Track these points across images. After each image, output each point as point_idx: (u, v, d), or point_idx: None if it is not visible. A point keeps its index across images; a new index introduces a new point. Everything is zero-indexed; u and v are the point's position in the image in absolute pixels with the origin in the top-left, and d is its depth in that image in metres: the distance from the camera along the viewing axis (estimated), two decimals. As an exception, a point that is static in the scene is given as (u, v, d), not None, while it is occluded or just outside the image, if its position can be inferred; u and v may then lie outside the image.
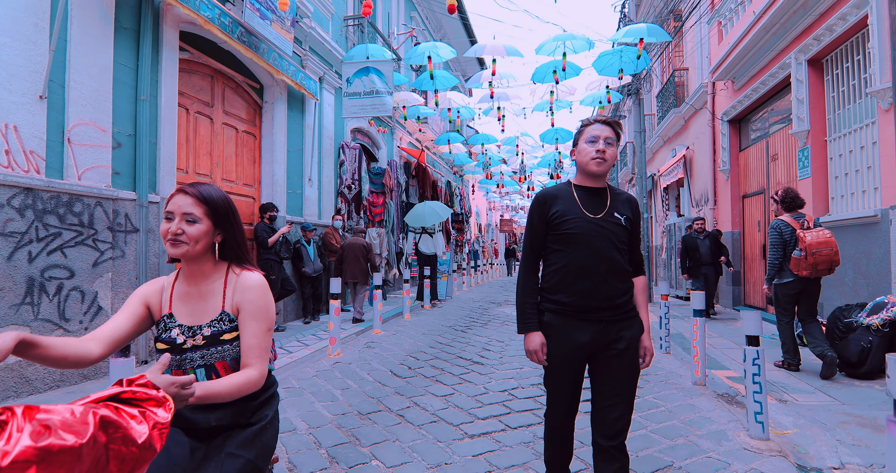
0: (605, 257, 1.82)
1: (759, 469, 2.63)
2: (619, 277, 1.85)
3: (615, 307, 1.84)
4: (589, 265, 1.82)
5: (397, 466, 2.58)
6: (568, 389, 1.90)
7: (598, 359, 1.87)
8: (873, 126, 5.22)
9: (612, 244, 1.83)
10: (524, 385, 4.07)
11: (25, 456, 0.64)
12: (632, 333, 1.87)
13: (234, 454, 1.31)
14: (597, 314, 1.83)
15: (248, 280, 1.44)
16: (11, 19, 3.60)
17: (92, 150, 4.20)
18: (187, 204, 1.36)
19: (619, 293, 1.84)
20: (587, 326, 1.84)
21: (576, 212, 1.86)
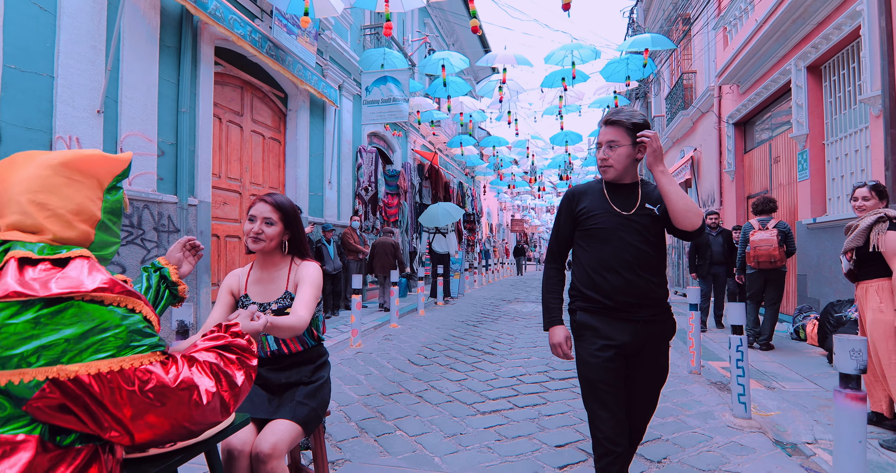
0: (636, 251, 1.74)
1: (738, 443, 2.97)
2: (650, 271, 1.76)
3: (651, 304, 1.76)
4: (618, 260, 1.75)
5: (419, 435, 2.98)
6: (605, 397, 1.72)
7: (633, 361, 1.79)
8: (866, 131, 5.49)
9: (643, 238, 1.75)
10: (531, 372, 4.44)
11: (188, 383, 0.96)
12: (661, 332, 1.80)
13: (302, 402, 1.71)
14: (633, 312, 1.74)
15: (307, 267, 1.83)
16: (74, 43, 4.06)
17: (140, 158, 4.66)
18: (266, 210, 1.76)
19: (654, 287, 1.76)
20: (622, 325, 1.74)
21: (604, 207, 1.79)
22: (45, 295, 0.86)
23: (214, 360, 1.04)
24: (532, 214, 36.16)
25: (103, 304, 0.91)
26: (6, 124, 3.60)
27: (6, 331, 0.83)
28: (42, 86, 3.85)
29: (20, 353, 0.83)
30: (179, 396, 0.93)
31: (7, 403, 0.83)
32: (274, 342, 1.82)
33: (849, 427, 2.07)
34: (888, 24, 4.88)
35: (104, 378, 0.85)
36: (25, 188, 0.95)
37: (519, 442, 2.89)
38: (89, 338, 0.86)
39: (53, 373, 0.83)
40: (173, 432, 0.94)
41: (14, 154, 1.01)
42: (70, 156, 1.01)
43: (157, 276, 1.45)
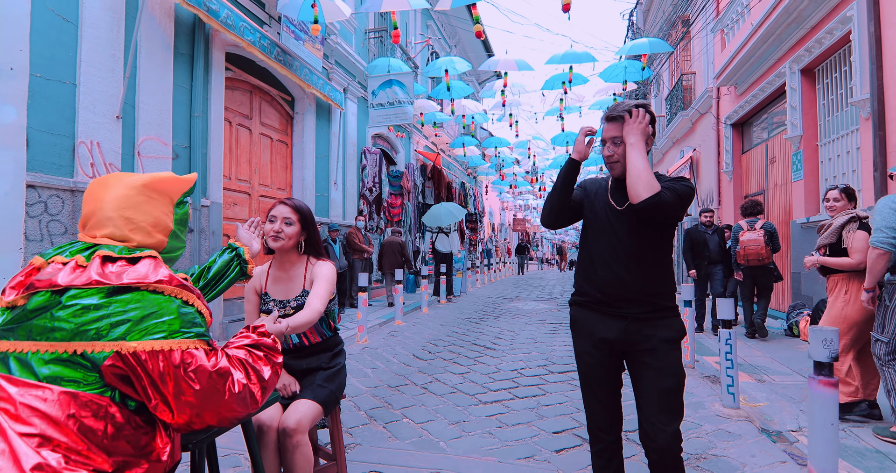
0: (627, 246, 1.71)
1: (725, 430, 3.15)
2: (644, 266, 1.71)
3: (641, 301, 1.70)
4: (610, 254, 1.73)
5: (424, 422, 3.17)
6: (597, 389, 1.77)
7: (629, 361, 1.76)
8: (857, 133, 5.65)
9: (637, 232, 1.71)
10: (531, 366, 4.63)
11: (224, 371, 1.14)
12: (663, 333, 1.69)
13: (322, 385, 1.90)
14: (620, 307, 1.72)
15: (322, 266, 2.01)
16: (95, 52, 4.26)
17: (156, 161, 4.86)
18: (286, 211, 1.95)
19: (646, 285, 1.70)
20: (612, 321, 1.73)
21: (603, 203, 1.79)
22: (118, 283, 1.06)
23: (244, 356, 1.22)
24: (534, 213, 36.32)
25: (163, 294, 1.10)
26: (33, 130, 3.80)
27: (86, 310, 1.03)
28: (65, 93, 4.06)
29: (95, 327, 1.02)
30: (216, 381, 1.10)
31: (88, 367, 1.02)
32: (295, 336, 2.01)
33: (821, 411, 2.26)
34: (876, 29, 5.05)
35: (156, 355, 1.04)
36: (116, 206, 1.16)
37: (519, 429, 3.07)
38: (148, 321, 1.06)
39: (118, 347, 1.02)
40: (209, 416, 1.11)
41: (105, 176, 1.23)
42: (148, 178, 1.23)
43: (233, 255, 1.67)
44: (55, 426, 0.96)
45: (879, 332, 3.02)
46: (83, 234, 1.19)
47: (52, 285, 1.06)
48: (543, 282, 16.94)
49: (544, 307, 9.53)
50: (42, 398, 0.98)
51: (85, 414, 0.99)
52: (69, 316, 1.03)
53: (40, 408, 0.97)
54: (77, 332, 1.02)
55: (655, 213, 1.64)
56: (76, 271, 1.08)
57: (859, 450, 2.84)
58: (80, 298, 1.05)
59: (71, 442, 0.96)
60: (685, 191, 1.70)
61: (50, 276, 1.07)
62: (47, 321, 1.03)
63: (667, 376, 1.68)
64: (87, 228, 1.19)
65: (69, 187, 4.03)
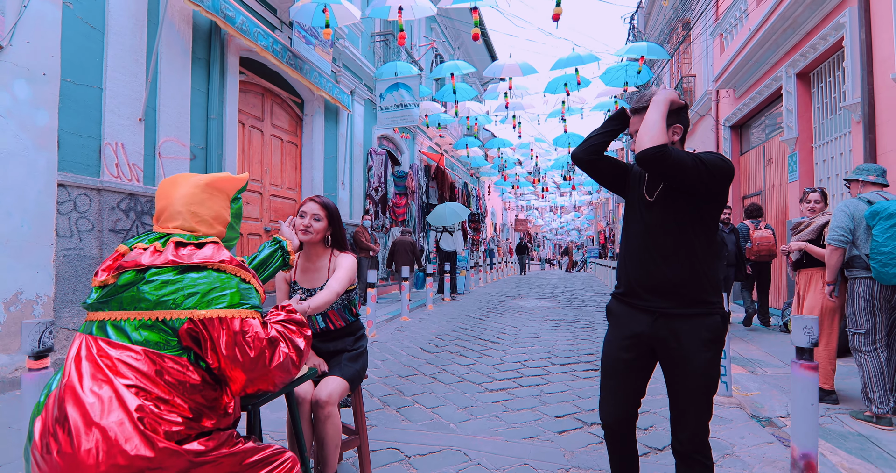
0: (655, 237, 1.67)
1: (718, 415, 3.34)
2: (675, 258, 1.64)
3: (671, 296, 1.65)
4: (640, 246, 1.71)
5: (435, 407, 3.37)
6: (611, 380, 1.76)
7: (661, 357, 1.71)
8: (849, 135, 5.85)
9: (667, 222, 1.66)
10: (534, 358, 4.83)
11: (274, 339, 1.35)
12: (694, 331, 1.62)
13: (348, 364, 2.11)
14: (649, 301, 1.68)
15: (344, 258, 2.22)
16: (120, 58, 4.48)
17: (175, 161, 5.08)
18: (315, 208, 2.15)
19: (677, 278, 1.64)
20: (641, 315, 1.69)
21: (638, 194, 1.76)
22: (188, 263, 1.28)
23: (281, 329, 1.43)
24: (536, 213, 36.51)
25: (225, 272, 1.32)
26: (63, 132, 4.02)
27: (164, 284, 1.25)
28: (92, 97, 4.27)
29: (172, 298, 1.24)
30: (266, 348, 1.31)
31: (169, 332, 1.23)
32: (322, 321, 2.22)
33: (802, 392, 2.47)
34: (867, 36, 5.25)
35: (220, 322, 1.25)
36: (184, 202, 1.39)
37: (523, 413, 3.28)
38: (213, 293, 1.27)
39: (191, 314, 1.23)
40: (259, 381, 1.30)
41: (174, 176, 1.46)
42: (210, 178, 1.46)
43: (276, 247, 1.88)
44: (147, 379, 1.17)
45: (854, 326, 3.24)
46: (157, 226, 1.42)
47: (137, 265, 1.28)
48: (545, 281, 17.13)
49: (546, 304, 9.73)
50: (134, 357, 1.19)
51: (168, 371, 1.20)
52: (151, 290, 1.25)
53: (134, 365, 1.18)
54: (158, 302, 1.24)
55: (656, 166, 1.56)
56: (155, 254, 1.30)
57: (842, 433, 3.04)
58: (159, 275, 1.27)
59: (159, 392, 1.17)
60: (713, 160, 1.59)
61: (135, 258, 1.29)
62: (134, 293, 1.25)
63: (693, 376, 1.61)
64: (161, 220, 1.41)
65: (96, 186, 4.25)
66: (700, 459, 1.65)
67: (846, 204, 3.27)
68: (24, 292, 3.69)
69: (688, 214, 1.65)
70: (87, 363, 1.19)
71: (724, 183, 1.63)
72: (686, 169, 1.57)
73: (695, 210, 1.65)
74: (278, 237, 1.96)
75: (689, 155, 1.59)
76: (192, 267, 1.29)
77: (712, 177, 1.59)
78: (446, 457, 2.57)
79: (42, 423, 1.15)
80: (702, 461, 1.65)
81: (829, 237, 3.26)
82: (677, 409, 1.67)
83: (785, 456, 2.72)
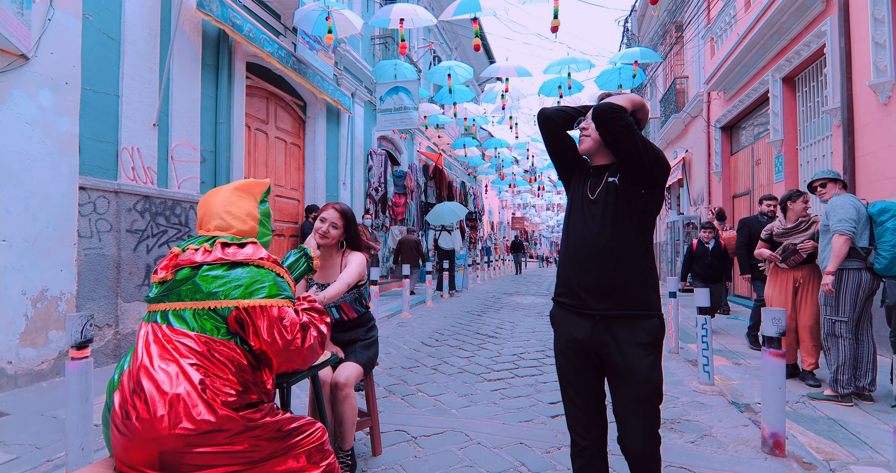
0: (598, 239, 1.61)
1: (699, 402, 3.61)
2: (613, 262, 1.59)
3: (608, 299, 1.60)
4: (579, 247, 1.65)
5: (437, 395, 3.63)
6: (570, 391, 1.70)
7: (603, 364, 1.65)
8: (830, 139, 6.12)
9: (605, 222, 1.61)
10: (530, 351, 5.09)
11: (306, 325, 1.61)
12: (633, 335, 1.58)
13: (361, 352, 2.36)
14: (588, 305, 1.62)
15: (355, 256, 2.47)
16: (135, 66, 4.69)
17: (186, 164, 5.30)
18: (335, 217, 2.39)
19: (616, 280, 1.59)
20: (581, 320, 1.64)
21: (580, 194, 1.72)
22: (233, 259, 1.53)
23: (307, 317, 1.68)
24: (532, 211, 36.79)
25: (263, 268, 1.56)
26: (84, 138, 4.24)
27: (215, 278, 1.49)
28: (110, 104, 4.49)
29: (221, 290, 1.48)
30: (300, 331, 1.55)
31: (219, 320, 1.47)
32: (336, 313, 2.46)
33: (771, 376, 2.73)
34: (847, 44, 5.51)
35: (262, 309, 1.49)
36: (220, 205, 1.64)
37: (519, 400, 3.53)
38: (255, 286, 1.51)
39: (237, 303, 1.48)
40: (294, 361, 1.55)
41: (212, 190, 1.71)
42: (238, 183, 1.71)
43: (301, 254, 2.12)
44: (204, 358, 1.42)
45: (836, 314, 3.51)
46: (201, 230, 1.66)
47: (192, 263, 1.52)
48: (542, 279, 17.41)
49: (542, 301, 9.99)
50: (192, 341, 1.43)
51: (220, 352, 1.45)
52: (205, 283, 1.49)
53: (192, 347, 1.42)
54: (210, 294, 1.48)
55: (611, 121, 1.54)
56: (206, 253, 1.55)
57: (813, 417, 3.30)
58: (211, 270, 1.51)
59: (215, 369, 1.41)
60: (659, 151, 1.61)
61: (189, 257, 1.54)
62: (191, 286, 1.50)
63: (637, 382, 1.56)
64: (203, 224, 1.66)
65: (114, 189, 4.47)
66: (650, 462, 1.59)
67: (851, 198, 3.48)
68: (49, 290, 3.92)
69: (627, 214, 1.62)
70: (154, 345, 1.43)
71: (664, 172, 1.62)
72: (635, 139, 1.55)
73: (635, 211, 1.62)
74: (304, 246, 2.21)
75: (642, 139, 1.59)
76: (238, 263, 1.54)
77: (657, 160, 1.59)
78: (449, 438, 2.83)
79: (120, 395, 1.39)
80: (652, 462, 1.60)
81: (842, 229, 3.40)
82: (624, 419, 1.59)
83: (758, 437, 2.98)
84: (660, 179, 1.63)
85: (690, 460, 2.62)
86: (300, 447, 1.51)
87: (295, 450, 1.50)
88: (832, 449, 2.83)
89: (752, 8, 7.94)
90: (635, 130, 1.57)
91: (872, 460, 2.65)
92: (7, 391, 3.57)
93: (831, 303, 3.54)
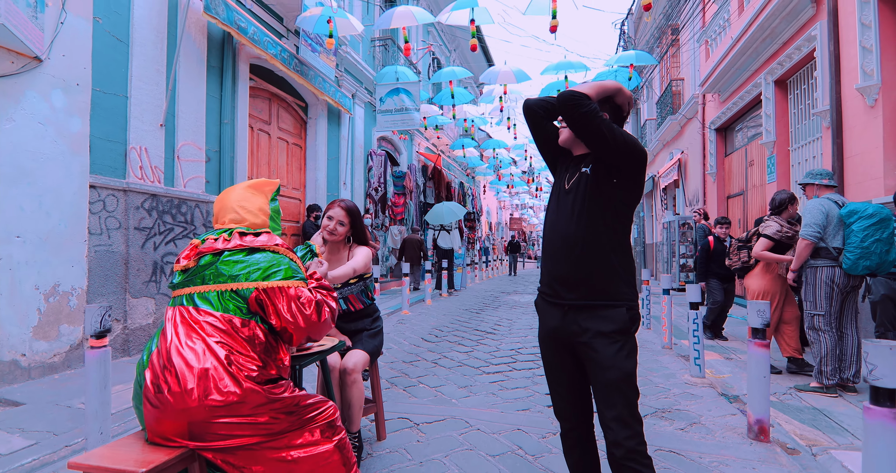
0: (569, 228, 1.62)
1: (690, 393, 3.75)
2: (582, 251, 1.60)
3: (577, 287, 1.61)
4: (552, 236, 1.68)
5: (438, 387, 3.76)
6: (551, 379, 1.75)
7: (579, 354, 1.65)
8: (820, 140, 6.27)
9: (576, 211, 1.62)
10: (527, 347, 5.22)
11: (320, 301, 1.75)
12: (600, 325, 1.58)
13: (368, 340, 2.50)
14: (559, 295, 1.64)
15: (360, 249, 2.60)
16: (143, 68, 4.82)
17: (192, 164, 5.42)
18: (341, 215, 2.52)
19: (583, 270, 1.60)
20: (553, 309, 1.67)
21: (559, 182, 1.73)
22: (251, 246, 1.67)
23: (319, 295, 1.81)
24: (530, 212, 36.96)
25: (278, 253, 1.70)
26: (94, 138, 4.36)
27: (236, 263, 1.63)
28: (119, 105, 4.62)
29: (243, 273, 1.62)
30: (316, 308, 1.70)
31: (241, 300, 1.60)
32: (344, 304, 2.59)
33: (756, 366, 2.88)
34: (836, 48, 5.67)
35: (280, 290, 1.62)
36: (234, 201, 1.79)
37: (517, 391, 3.67)
38: (272, 269, 1.65)
39: (257, 285, 1.61)
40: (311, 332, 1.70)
41: (227, 189, 1.86)
42: (252, 182, 1.87)
43: (307, 250, 2.26)
44: (228, 336, 1.55)
45: (815, 309, 3.66)
46: (217, 224, 1.80)
47: (213, 250, 1.66)
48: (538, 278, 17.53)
49: (540, 300, 10.13)
50: (216, 321, 1.57)
51: (242, 330, 1.58)
52: (227, 267, 1.63)
53: (217, 326, 1.56)
54: (232, 276, 1.62)
55: (572, 108, 1.54)
56: (225, 242, 1.68)
57: (799, 407, 3.44)
58: (232, 256, 1.65)
59: (238, 346, 1.55)
60: (631, 138, 1.57)
61: (211, 245, 1.67)
62: (214, 270, 1.63)
63: (603, 368, 1.57)
64: (218, 218, 1.80)
65: (122, 188, 4.59)
66: (636, 466, 1.52)
67: (821, 203, 3.68)
68: (60, 285, 4.03)
69: (597, 204, 1.61)
70: (182, 326, 1.56)
71: (637, 160, 1.60)
72: (599, 125, 1.53)
73: (605, 201, 1.61)
74: (309, 243, 2.34)
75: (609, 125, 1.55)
76: (255, 249, 1.69)
77: (627, 146, 1.55)
78: (449, 425, 2.96)
79: (151, 372, 1.52)
80: (639, 469, 1.52)
81: (804, 233, 3.67)
82: (599, 406, 1.59)
83: (745, 425, 3.11)
84: (632, 167, 1.60)
85: (679, 445, 2.75)
86: (315, 422, 1.64)
87: (310, 425, 1.63)
88: (815, 436, 2.96)
89: (745, 12, 8.10)
90: (598, 116, 1.53)
91: (853, 445, 2.79)
92: (22, 383, 3.68)
93: (809, 298, 3.72)
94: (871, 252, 3.44)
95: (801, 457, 2.67)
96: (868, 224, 3.47)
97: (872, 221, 3.46)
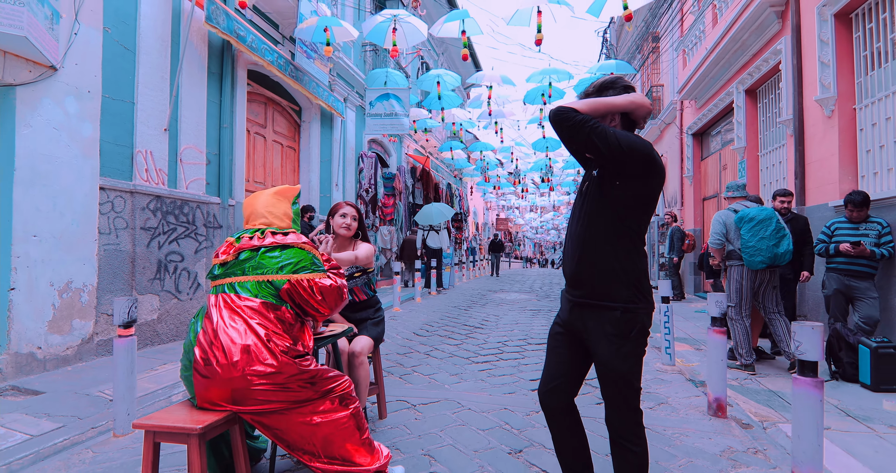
0: (579, 227, 1.71)
1: (660, 378, 4.12)
2: (587, 251, 1.67)
3: (581, 286, 1.69)
4: (565, 240, 1.79)
5: (431, 374, 4.07)
6: (549, 356, 1.84)
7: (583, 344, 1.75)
8: (784, 147, 6.73)
9: (588, 212, 1.69)
10: (513, 340, 5.56)
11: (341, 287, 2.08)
12: (598, 325, 1.65)
13: (372, 328, 2.80)
14: (569, 292, 1.76)
15: (364, 245, 2.91)
16: (149, 75, 5.05)
17: (194, 167, 5.66)
18: (353, 212, 2.84)
19: (587, 270, 1.67)
20: (566, 305, 1.77)
21: (577, 190, 1.82)
22: (282, 243, 1.97)
23: (338, 280, 2.13)
24: (516, 213, 37.44)
25: (304, 250, 2.01)
26: (104, 142, 4.58)
27: (271, 257, 1.93)
28: (126, 110, 4.84)
29: (275, 266, 1.93)
30: (337, 292, 2.02)
31: (274, 289, 1.90)
32: (350, 296, 2.90)
33: (714, 351, 3.25)
34: (798, 62, 6.12)
35: (308, 281, 1.93)
36: (262, 206, 2.09)
37: (504, 378, 4.00)
38: (301, 263, 1.96)
39: (289, 277, 1.92)
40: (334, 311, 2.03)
41: (255, 193, 2.17)
42: (277, 189, 2.18)
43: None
44: (264, 318, 1.85)
45: (729, 300, 4.21)
46: (247, 225, 2.10)
47: (251, 246, 1.95)
48: (525, 277, 17.97)
49: (525, 297, 10.50)
50: (254, 306, 1.86)
51: (276, 314, 1.88)
52: (265, 261, 1.93)
53: (255, 309, 1.85)
54: (269, 269, 1.92)
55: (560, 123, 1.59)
56: (260, 240, 1.98)
57: (756, 390, 3.83)
58: (269, 252, 1.96)
59: (273, 327, 1.85)
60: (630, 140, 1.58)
61: (247, 243, 1.97)
62: (254, 263, 1.93)
63: (600, 363, 1.67)
64: (250, 221, 2.10)
65: (129, 189, 4.82)
66: (626, 444, 1.65)
67: (720, 214, 4.38)
68: (73, 282, 4.26)
69: (601, 205, 1.65)
70: (225, 310, 1.86)
71: (640, 162, 1.59)
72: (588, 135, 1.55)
73: (610, 202, 1.64)
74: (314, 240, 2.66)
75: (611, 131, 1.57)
76: (287, 246, 1.99)
77: (622, 151, 1.55)
78: (444, 405, 3.28)
79: (200, 348, 1.81)
80: (628, 447, 1.65)
81: (710, 241, 4.38)
82: (603, 396, 1.71)
83: (706, 404, 3.48)
84: (634, 167, 1.59)
85: (647, 420, 3.09)
86: (334, 392, 1.95)
87: (331, 395, 1.94)
88: (768, 413, 3.34)
89: (718, 24, 8.56)
90: (584, 128, 1.55)
91: (797, 419, 3.17)
92: (38, 374, 3.91)
93: (725, 292, 4.25)
94: (759, 249, 4.03)
95: (754, 430, 3.04)
96: (751, 226, 4.09)
97: (754, 223, 4.06)
